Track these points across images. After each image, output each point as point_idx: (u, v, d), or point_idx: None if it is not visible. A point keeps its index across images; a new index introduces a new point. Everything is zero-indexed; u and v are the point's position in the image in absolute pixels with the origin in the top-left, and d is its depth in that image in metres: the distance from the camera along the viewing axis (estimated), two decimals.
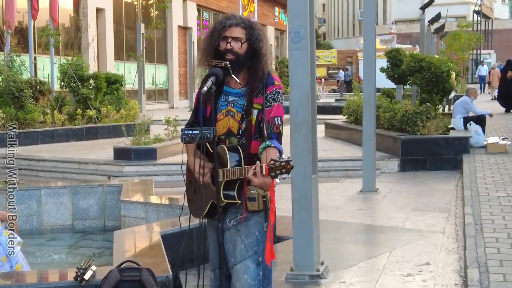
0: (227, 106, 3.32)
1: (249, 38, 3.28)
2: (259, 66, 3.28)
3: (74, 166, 11.82)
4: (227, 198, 3.21)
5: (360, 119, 13.19)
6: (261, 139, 3.24)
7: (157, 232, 5.77)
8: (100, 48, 24.95)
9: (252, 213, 3.27)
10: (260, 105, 3.26)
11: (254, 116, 3.26)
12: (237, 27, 3.26)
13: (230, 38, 3.25)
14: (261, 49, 3.29)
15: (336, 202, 8.62)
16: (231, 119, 3.30)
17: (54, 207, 8.09)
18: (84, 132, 16.14)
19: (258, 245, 3.29)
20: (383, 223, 7.33)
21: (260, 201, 3.24)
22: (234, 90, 3.33)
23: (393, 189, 9.52)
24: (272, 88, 3.29)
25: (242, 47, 3.26)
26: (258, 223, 3.30)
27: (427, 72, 12.58)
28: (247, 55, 3.27)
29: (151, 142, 12.19)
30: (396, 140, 11.48)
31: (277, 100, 3.29)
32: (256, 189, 3.21)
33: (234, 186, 3.21)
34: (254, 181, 3.07)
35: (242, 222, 3.26)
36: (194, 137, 3.17)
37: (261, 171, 3.03)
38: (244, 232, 3.27)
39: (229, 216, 3.31)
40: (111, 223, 8.09)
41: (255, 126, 3.25)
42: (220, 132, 3.31)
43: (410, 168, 11.21)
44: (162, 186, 9.89)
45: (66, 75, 17.27)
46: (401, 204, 8.40)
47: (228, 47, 3.25)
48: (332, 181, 10.37)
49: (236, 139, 3.28)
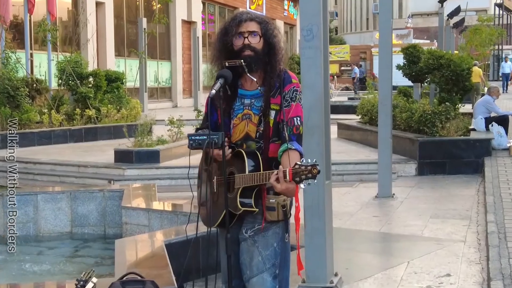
0: (244, 110, 3.31)
1: (265, 33, 3.28)
2: (276, 62, 3.28)
3: (73, 169, 11.85)
4: (244, 206, 3.18)
5: (375, 120, 13.16)
6: (279, 142, 3.24)
7: (161, 240, 5.78)
8: (100, 44, 24.99)
9: (271, 223, 3.26)
10: (277, 106, 3.25)
11: (271, 118, 3.25)
12: (252, 22, 3.26)
13: (247, 33, 3.24)
14: (277, 43, 3.29)
15: (350, 208, 8.60)
16: (249, 123, 3.29)
17: (52, 213, 8.12)
18: (83, 133, 16.18)
19: (276, 257, 3.28)
20: (400, 231, 7.31)
21: (280, 211, 3.22)
22: (250, 92, 3.32)
23: (410, 195, 9.49)
24: (289, 86, 3.28)
25: (260, 41, 3.26)
26: (277, 234, 3.28)
27: (446, 70, 12.54)
28: (263, 51, 3.27)
29: (154, 144, 12.21)
30: (414, 142, 11.45)
31: (296, 99, 3.28)
32: (275, 198, 3.20)
33: (251, 193, 3.19)
34: (277, 187, 3.03)
35: (259, 232, 3.25)
36: (202, 142, 3.16)
37: (284, 176, 2.99)
38: (261, 244, 3.26)
39: (245, 226, 3.29)
40: (112, 230, 8.10)
41: (273, 128, 3.25)
42: (237, 138, 3.30)
43: (429, 172, 11.18)
44: (166, 191, 9.89)
45: (64, 73, 17.31)
46: (419, 210, 8.37)
47: (246, 42, 3.24)
48: (346, 186, 10.35)
49: (253, 143, 3.27)
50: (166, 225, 7.07)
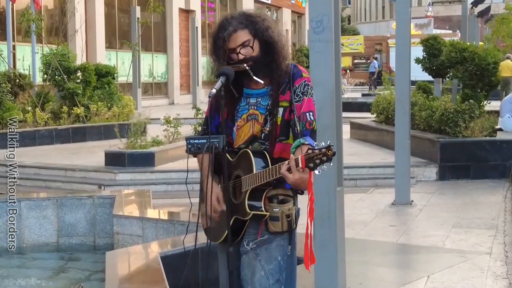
0: (249, 110, 3.33)
1: (256, 33, 3.28)
2: (279, 58, 3.29)
3: (59, 173, 11.86)
4: (253, 209, 3.18)
5: (391, 118, 13.15)
6: (287, 141, 3.25)
7: (156, 252, 5.79)
8: (89, 35, 25.04)
9: (274, 234, 3.26)
10: (287, 102, 3.27)
11: (279, 116, 3.27)
12: (238, 32, 3.27)
13: (237, 48, 3.26)
14: (273, 37, 3.30)
15: (364, 216, 8.60)
16: (255, 124, 3.31)
17: (37, 222, 8.13)
18: (70, 133, 16.20)
19: (281, 272, 3.28)
20: (419, 242, 7.30)
21: (284, 221, 3.22)
22: (256, 91, 3.34)
23: (430, 202, 9.48)
24: (300, 80, 3.30)
25: (254, 47, 3.27)
26: (281, 247, 3.28)
27: (470, 64, 12.52)
28: (262, 52, 3.28)
29: (148, 145, 12.22)
30: (434, 144, 11.44)
31: (307, 93, 3.30)
32: (279, 207, 3.21)
33: (261, 195, 3.20)
34: (289, 178, 3.00)
35: (262, 245, 3.25)
36: (201, 146, 3.16)
37: (296, 164, 2.95)
38: (264, 257, 3.26)
39: (247, 238, 3.29)
40: (102, 241, 8.11)
41: (280, 126, 3.27)
42: (241, 141, 3.31)
43: (451, 177, 11.16)
44: (162, 197, 9.90)
45: (50, 67, 17.34)
46: (440, 219, 8.36)
47: (240, 57, 3.26)
48: (359, 192, 10.35)
49: (258, 144, 3.29)
50: (162, 235, 7.08)
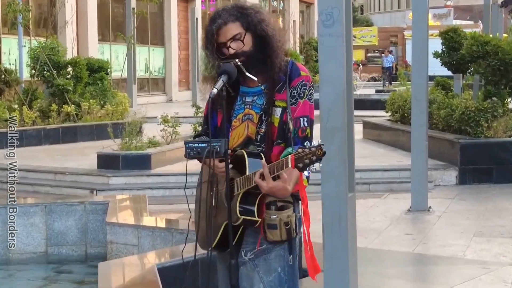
0: (244, 109, 3.35)
1: (248, 27, 3.31)
2: (274, 52, 3.30)
3: (48, 176, 11.88)
4: (244, 213, 3.20)
5: (407, 117, 13.13)
6: (284, 145, 3.25)
7: (152, 263, 5.80)
8: (81, 27, 25.09)
9: (273, 244, 3.27)
10: (284, 102, 3.28)
11: (276, 116, 3.28)
12: (228, 24, 3.30)
13: (228, 42, 3.29)
14: (267, 31, 3.32)
15: (378, 224, 8.60)
16: (250, 124, 3.33)
17: (24, 230, 8.14)
18: (60, 133, 16.23)
19: (281, 284, 3.29)
20: (438, 252, 7.30)
21: (283, 229, 3.23)
22: (252, 89, 3.36)
23: (450, 208, 9.47)
24: (297, 80, 3.31)
25: (246, 41, 3.30)
26: (281, 257, 3.30)
27: (493, 59, 12.50)
28: (255, 46, 3.30)
29: (144, 146, 12.23)
30: (454, 145, 11.43)
31: (304, 95, 3.30)
32: (277, 214, 3.21)
33: (255, 199, 3.21)
34: (263, 187, 3.08)
35: (260, 255, 3.26)
36: (201, 151, 3.17)
37: (283, 166, 3.00)
38: (263, 268, 3.27)
39: (244, 248, 3.31)
40: (94, 250, 8.13)
41: (278, 128, 3.28)
42: (236, 143, 3.33)
43: (472, 181, 11.15)
44: (159, 203, 9.92)
45: (38, 62, 17.37)
46: (460, 227, 8.36)
47: (231, 52, 3.29)
48: (373, 197, 10.35)
49: (254, 147, 3.30)
50: (159, 244, 7.08)
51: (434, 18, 48.02)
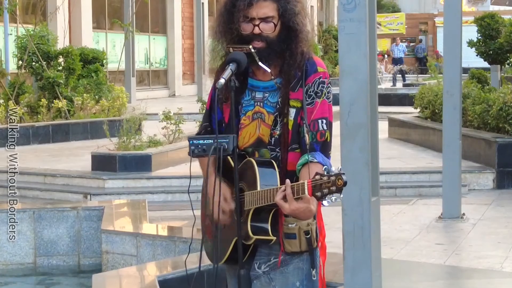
0: (255, 106, 3.33)
1: (283, 13, 3.29)
2: (297, 48, 3.29)
3: (37, 179, 11.91)
4: (257, 232, 3.20)
5: (438, 114, 13.11)
6: (300, 151, 3.24)
7: (153, 275, 5.82)
8: (73, 13, 25.14)
9: (292, 255, 3.27)
10: (299, 102, 3.27)
11: (291, 118, 3.27)
12: (267, 2, 3.26)
13: (258, 19, 3.26)
14: (298, 25, 3.31)
15: (405, 233, 8.59)
16: (261, 125, 3.31)
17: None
18: (50, 131, 16.25)
19: None
20: (472, 265, 7.28)
21: (303, 238, 3.23)
22: (263, 83, 3.34)
23: (486, 215, 9.45)
24: (314, 77, 3.30)
25: (276, 28, 3.28)
26: (300, 270, 3.30)
27: None
28: (280, 37, 3.29)
29: (144, 146, 12.25)
30: (491, 145, 11.40)
31: (322, 94, 3.29)
32: (296, 222, 3.21)
33: (268, 215, 3.21)
34: (285, 209, 3.06)
35: (277, 267, 3.26)
36: (207, 148, 3.17)
37: (297, 193, 3.00)
38: (279, 283, 3.28)
39: (258, 260, 3.31)
40: (88, 261, 8.16)
41: (292, 132, 3.26)
42: (247, 143, 3.32)
43: (511, 185, 11.13)
44: (160, 209, 9.93)
45: (26, 51, 17.41)
46: (497, 236, 8.34)
47: (257, 31, 3.26)
48: (399, 203, 10.33)
49: (267, 150, 3.29)
50: (160, 255, 7.11)
51: (469, 3, 47.93)
